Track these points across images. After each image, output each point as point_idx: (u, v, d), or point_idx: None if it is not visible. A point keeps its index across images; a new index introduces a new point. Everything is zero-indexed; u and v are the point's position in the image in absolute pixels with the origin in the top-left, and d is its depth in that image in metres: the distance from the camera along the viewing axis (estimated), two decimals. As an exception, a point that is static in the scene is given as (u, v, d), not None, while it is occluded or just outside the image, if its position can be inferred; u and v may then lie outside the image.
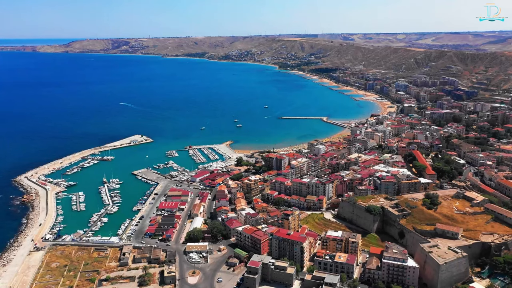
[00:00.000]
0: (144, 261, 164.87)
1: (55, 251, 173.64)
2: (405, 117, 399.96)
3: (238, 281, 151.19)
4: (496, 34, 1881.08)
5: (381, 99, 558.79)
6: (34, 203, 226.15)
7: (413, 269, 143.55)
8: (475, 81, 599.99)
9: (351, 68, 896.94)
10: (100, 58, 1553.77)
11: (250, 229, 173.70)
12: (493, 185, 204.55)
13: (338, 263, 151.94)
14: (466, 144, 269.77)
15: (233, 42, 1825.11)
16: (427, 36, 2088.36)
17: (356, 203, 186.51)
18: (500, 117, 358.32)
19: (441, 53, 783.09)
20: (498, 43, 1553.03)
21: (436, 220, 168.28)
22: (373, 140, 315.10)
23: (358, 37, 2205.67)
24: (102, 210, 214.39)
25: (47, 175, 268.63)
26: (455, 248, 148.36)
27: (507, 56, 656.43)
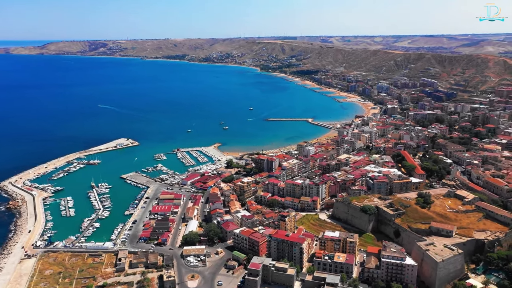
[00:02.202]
0: (141, 266, 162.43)
1: (47, 258, 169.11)
2: (389, 118, 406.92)
3: (238, 284, 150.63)
4: (468, 37, 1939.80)
5: (364, 100, 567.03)
6: (21, 209, 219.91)
7: (411, 267, 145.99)
8: (453, 82, 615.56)
9: (332, 70, 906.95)
10: (79, 60, 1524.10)
11: (247, 231, 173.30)
12: (480, 184, 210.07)
13: (338, 263, 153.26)
14: (452, 144, 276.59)
15: (213, 44, 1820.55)
16: (403, 39, 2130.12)
17: (351, 203, 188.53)
18: (481, 118, 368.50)
19: (419, 55, 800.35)
20: (471, 46, 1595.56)
21: (430, 219, 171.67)
22: (360, 141, 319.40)
23: (337, 39, 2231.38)
24: (93, 215, 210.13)
25: (32, 180, 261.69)
26: (451, 246, 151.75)
27: (482, 58, 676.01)
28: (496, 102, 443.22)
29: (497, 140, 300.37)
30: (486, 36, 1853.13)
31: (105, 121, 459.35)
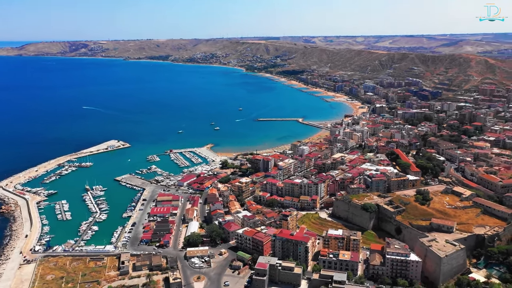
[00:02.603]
0: (145, 268, 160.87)
1: (48, 263, 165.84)
2: (378, 117, 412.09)
3: (245, 284, 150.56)
4: (447, 37, 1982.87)
5: (351, 100, 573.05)
6: (15, 213, 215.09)
7: (416, 263, 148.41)
8: (437, 81, 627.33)
9: (317, 70, 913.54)
10: (61, 61, 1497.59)
11: (250, 231, 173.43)
12: (475, 180, 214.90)
13: (343, 261, 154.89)
14: (444, 141, 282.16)
15: (196, 45, 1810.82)
16: (385, 39, 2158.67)
17: (351, 202, 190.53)
18: (467, 116, 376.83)
19: (403, 55, 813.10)
20: (450, 46, 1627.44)
21: (430, 215, 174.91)
22: (352, 140, 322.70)
23: (319, 39, 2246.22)
24: (91, 219, 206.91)
25: (23, 184, 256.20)
26: (453, 241, 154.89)
27: (464, 58, 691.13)
28: (481, 101, 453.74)
29: (485, 137, 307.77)
30: (463, 36, 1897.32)
31: (93, 123, 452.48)
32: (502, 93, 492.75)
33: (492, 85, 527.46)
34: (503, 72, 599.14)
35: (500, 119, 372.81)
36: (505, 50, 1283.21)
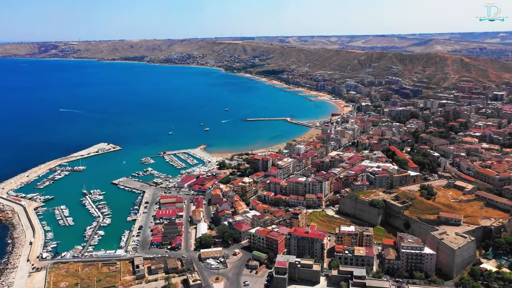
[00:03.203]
0: (161, 271, 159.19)
1: (58, 270, 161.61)
2: (365, 116, 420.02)
3: (265, 283, 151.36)
4: (417, 36, 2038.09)
5: (335, 99, 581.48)
6: (13, 220, 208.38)
7: (430, 256, 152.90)
8: (416, 80, 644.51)
9: (297, 69, 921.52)
10: (33, 63, 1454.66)
11: (263, 231, 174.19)
12: (471, 174, 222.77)
13: (358, 256, 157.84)
14: (436, 138, 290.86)
15: (171, 45, 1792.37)
16: (357, 39, 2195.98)
17: (358, 198, 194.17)
18: (451, 112, 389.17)
19: (381, 54, 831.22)
20: (421, 45, 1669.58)
21: (436, 209, 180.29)
22: (345, 138, 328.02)
23: (294, 39, 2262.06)
24: (94, 223, 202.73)
25: (16, 190, 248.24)
26: (462, 234, 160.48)
27: (440, 56, 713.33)
28: (461, 98, 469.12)
29: (471, 133, 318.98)
30: (432, 35, 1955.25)
31: (77, 125, 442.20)
32: (479, 90, 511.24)
33: (470, 82, 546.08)
34: (478, 70, 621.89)
35: (482, 115, 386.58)
36: (473, 49, 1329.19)
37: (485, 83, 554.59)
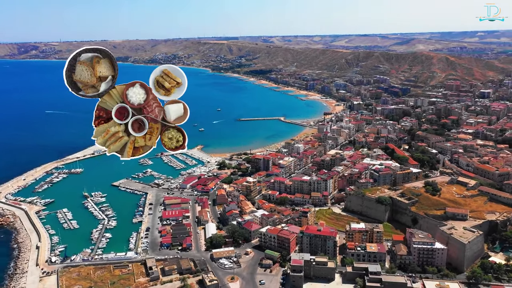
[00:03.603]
0: (175, 272, 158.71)
1: (70, 274, 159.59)
2: (358, 114, 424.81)
3: (280, 281, 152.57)
4: (398, 36, 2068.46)
5: (325, 98, 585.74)
6: (16, 225, 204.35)
7: (441, 251, 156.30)
8: (403, 78, 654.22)
9: (284, 69, 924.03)
10: (14, 64, 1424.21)
11: (274, 230, 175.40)
12: (471, 170, 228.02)
13: (371, 253, 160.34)
14: (432, 135, 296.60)
15: (155, 46, 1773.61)
16: (340, 38, 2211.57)
17: (365, 196, 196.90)
18: (443, 110, 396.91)
19: (368, 53, 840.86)
20: (403, 44, 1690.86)
21: (442, 205, 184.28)
22: (341, 137, 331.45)
23: (277, 39, 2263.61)
24: (100, 226, 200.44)
25: (14, 194, 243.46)
26: (470, 228, 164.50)
27: (426, 55, 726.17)
28: (449, 96, 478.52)
29: (463, 130, 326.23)
30: (413, 35, 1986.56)
31: (69, 127, 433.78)
32: (467, 88, 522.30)
33: (457, 81, 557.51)
34: (463, 69, 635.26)
35: (471, 112, 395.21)
36: (454, 48, 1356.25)
37: (471, 81, 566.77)
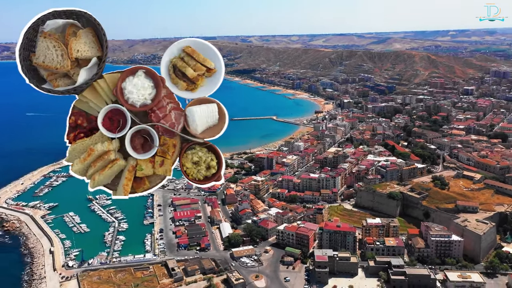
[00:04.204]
0: (197, 273, 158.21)
1: (90, 278, 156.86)
2: (349, 112, 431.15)
3: (305, 277, 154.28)
4: (374, 35, 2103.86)
5: (313, 96, 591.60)
6: (22, 230, 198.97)
7: (458, 243, 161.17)
8: (387, 77, 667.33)
9: (268, 69, 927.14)
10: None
11: (292, 227, 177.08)
12: (472, 164, 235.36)
13: (390, 247, 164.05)
14: (429, 131, 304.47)
15: (133, 46, 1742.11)
16: (318, 38, 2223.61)
17: (376, 191, 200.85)
18: (432, 107, 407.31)
19: (351, 52, 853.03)
20: (380, 43, 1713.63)
21: (452, 199, 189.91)
22: (338, 135, 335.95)
23: (255, 39, 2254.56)
24: (111, 229, 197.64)
25: (15, 199, 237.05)
26: (483, 220, 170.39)
27: (408, 54, 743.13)
28: (435, 93, 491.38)
29: (455, 126, 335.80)
30: (388, 34, 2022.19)
31: (56, 129, 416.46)
32: (450, 86, 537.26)
33: (441, 78, 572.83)
34: (445, 66, 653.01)
35: (458, 109, 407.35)
36: (429, 47, 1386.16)
37: (453, 78, 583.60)
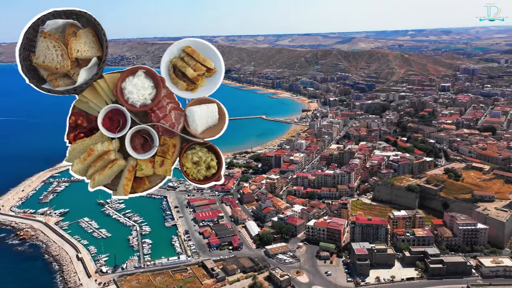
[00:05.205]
0: (238, 272, 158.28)
1: (128, 282, 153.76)
2: (337, 110, 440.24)
3: (345, 271, 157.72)
4: (337, 35, 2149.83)
5: (296, 95, 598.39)
6: (40, 238, 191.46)
7: (484, 230, 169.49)
8: (364, 75, 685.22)
9: (243, 69, 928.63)
10: None
11: (322, 223, 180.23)
12: (474, 156, 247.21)
13: (420, 237, 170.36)
14: (424, 126, 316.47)
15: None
16: (284, 38, 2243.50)
17: (394, 185, 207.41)
18: (417, 103, 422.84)
19: (326, 52, 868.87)
20: (345, 43, 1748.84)
21: (467, 189, 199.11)
22: (334, 132, 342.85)
23: (221, 39, 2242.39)
24: (134, 232, 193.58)
25: (20, 206, 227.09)
26: (502, 208, 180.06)
27: (381, 53, 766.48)
28: (415, 90, 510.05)
29: (444, 121, 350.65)
30: (350, 33, 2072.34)
31: (41, 133, 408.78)
32: (427, 83, 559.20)
33: (418, 76, 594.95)
34: (418, 64, 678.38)
35: (440, 105, 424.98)
36: (393, 46, 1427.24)
37: (428, 76, 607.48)
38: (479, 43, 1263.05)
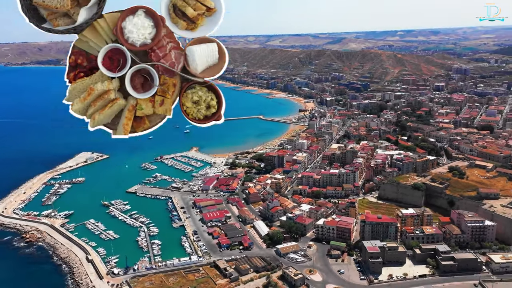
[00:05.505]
0: (250, 271, 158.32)
1: (141, 283, 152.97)
2: (335, 110, 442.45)
3: (357, 269, 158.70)
4: (327, 36, 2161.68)
5: (291, 95, 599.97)
6: (46, 240, 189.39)
7: (492, 227, 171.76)
8: (358, 75, 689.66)
9: (236, 69, 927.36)
10: None
11: (332, 221, 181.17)
12: (475, 155, 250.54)
13: (429, 235, 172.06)
14: (424, 125, 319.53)
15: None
16: (274, 38, 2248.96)
17: (400, 183, 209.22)
18: (414, 103, 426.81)
19: (319, 52, 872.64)
20: (336, 43, 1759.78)
21: (472, 187, 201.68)
22: (333, 132, 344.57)
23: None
24: (142, 234, 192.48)
25: (23, 209, 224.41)
26: (507, 205, 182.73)
27: (374, 53, 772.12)
28: (410, 89, 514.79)
29: (440, 120, 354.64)
30: (340, 34, 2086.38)
31: (40, 135, 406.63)
32: (422, 82, 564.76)
33: (412, 75, 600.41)
34: (411, 64, 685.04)
35: (436, 104, 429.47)
36: (383, 46, 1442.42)
37: (421, 75, 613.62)
38: (467, 43, 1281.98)
